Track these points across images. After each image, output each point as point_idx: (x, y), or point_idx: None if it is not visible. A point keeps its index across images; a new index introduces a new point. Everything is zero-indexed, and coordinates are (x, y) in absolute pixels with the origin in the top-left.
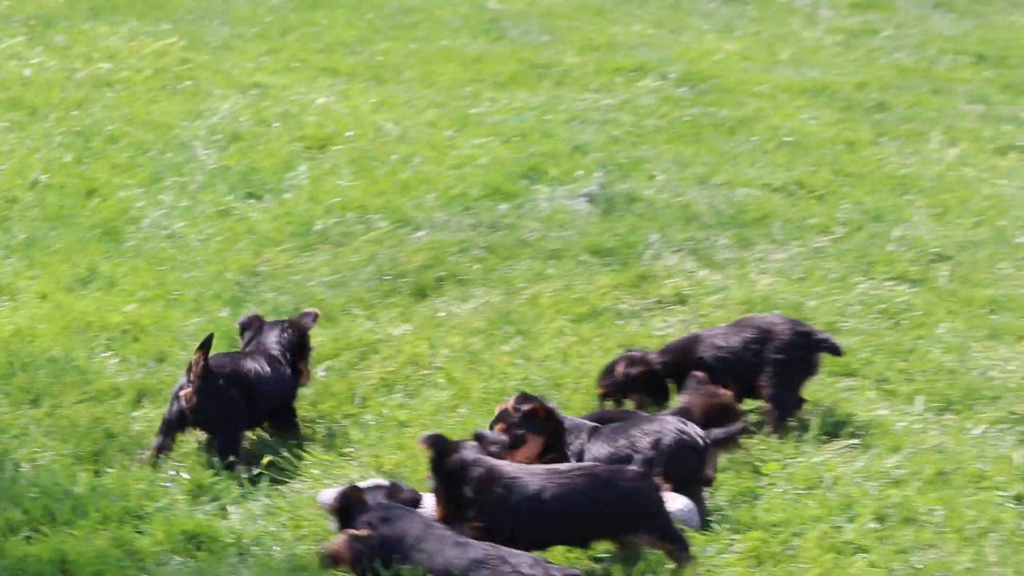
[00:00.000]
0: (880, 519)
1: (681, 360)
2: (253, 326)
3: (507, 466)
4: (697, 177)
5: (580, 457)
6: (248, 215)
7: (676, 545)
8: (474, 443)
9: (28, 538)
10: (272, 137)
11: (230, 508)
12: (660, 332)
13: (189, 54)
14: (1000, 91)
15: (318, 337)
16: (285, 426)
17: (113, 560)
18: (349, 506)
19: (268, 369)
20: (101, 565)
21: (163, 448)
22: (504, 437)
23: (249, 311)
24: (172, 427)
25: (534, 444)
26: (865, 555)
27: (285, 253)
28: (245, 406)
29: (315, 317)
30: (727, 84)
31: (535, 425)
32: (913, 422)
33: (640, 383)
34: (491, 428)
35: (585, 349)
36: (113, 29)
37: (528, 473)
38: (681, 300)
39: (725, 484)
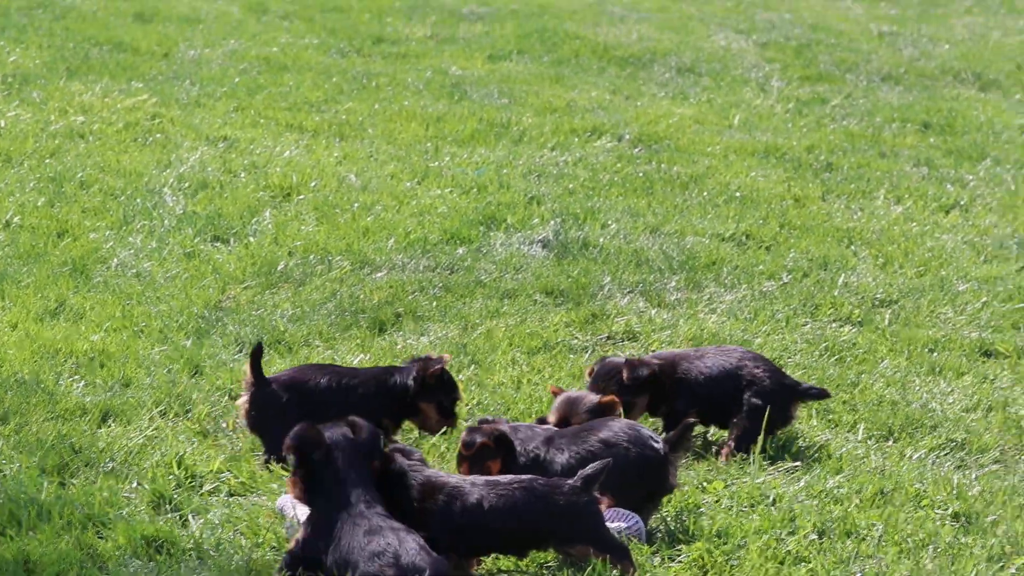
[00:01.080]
0: (821, 533)
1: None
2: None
3: (447, 476)
4: (649, 226)
5: (538, 465)
6: (213, 256)
7: (615, 554)
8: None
9: None
10: (239, 186)
11: (190, 517)
12: None
13: (160, 110)
14: (944, 156)
15: (276, 365)
16: None
17: (75, 561)
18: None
19: (335, 385)
20: (63, 566)
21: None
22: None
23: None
24: None
25: (495, 467)
26: (807, 565)
27: (248, 290)
28: (299, 414)
29: (441, 363)
30: (680, 145)
31: (490, 454)
32: (855, 448)
33: None
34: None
35: (537, 378)
36: (87, 87)
37: (469, 484)
38: (632, 336)
39: (670, 499)
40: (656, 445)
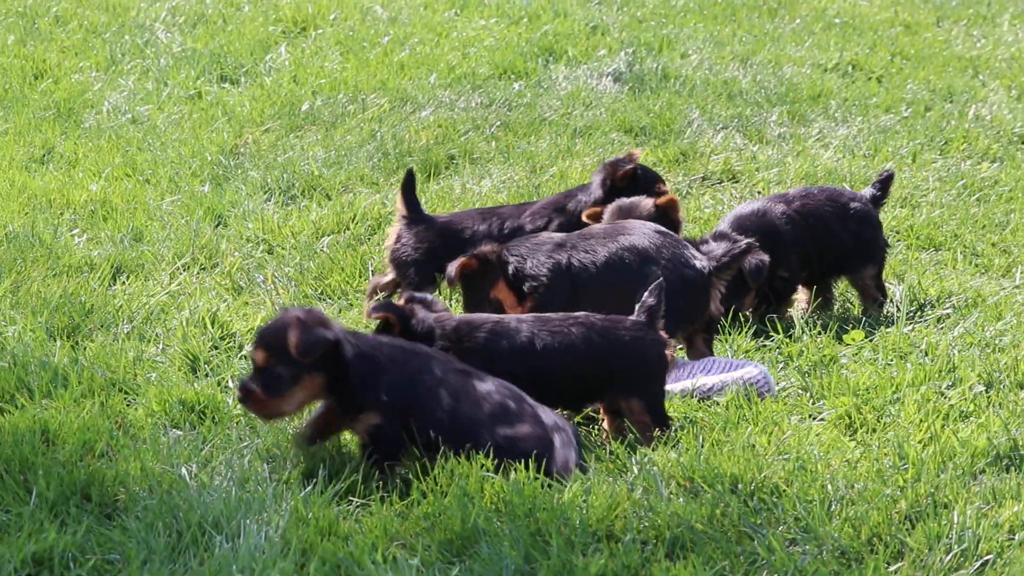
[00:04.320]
0: (988, 385)
1: None
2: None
3: (487, 315)
4: (737, 56)
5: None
6: (223, 98)
7: (659, 425)
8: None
9: (1, 411)
10: (244, 19)
11: (231, 382)
12: (709, 209)
13: None
14: None
15: (314, 212)
16: None
17: (103, 431)
18: None
19: (485, 227)
20: (89, 435)
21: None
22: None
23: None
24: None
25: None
26: (976, 420)
27: (269, 134)
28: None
29: (632, 160)
30: None
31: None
32: (1012, 293)
33: None
34: None
35: None
36: None
37: (514, 320)
38: (732, 176)
39: (801, 353)
40: (698, 264)
